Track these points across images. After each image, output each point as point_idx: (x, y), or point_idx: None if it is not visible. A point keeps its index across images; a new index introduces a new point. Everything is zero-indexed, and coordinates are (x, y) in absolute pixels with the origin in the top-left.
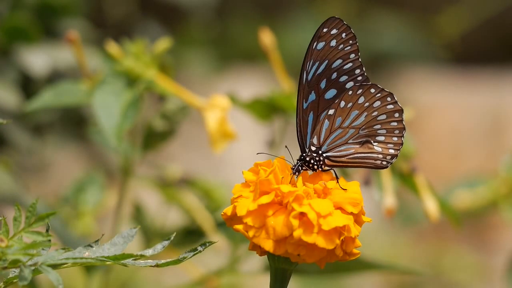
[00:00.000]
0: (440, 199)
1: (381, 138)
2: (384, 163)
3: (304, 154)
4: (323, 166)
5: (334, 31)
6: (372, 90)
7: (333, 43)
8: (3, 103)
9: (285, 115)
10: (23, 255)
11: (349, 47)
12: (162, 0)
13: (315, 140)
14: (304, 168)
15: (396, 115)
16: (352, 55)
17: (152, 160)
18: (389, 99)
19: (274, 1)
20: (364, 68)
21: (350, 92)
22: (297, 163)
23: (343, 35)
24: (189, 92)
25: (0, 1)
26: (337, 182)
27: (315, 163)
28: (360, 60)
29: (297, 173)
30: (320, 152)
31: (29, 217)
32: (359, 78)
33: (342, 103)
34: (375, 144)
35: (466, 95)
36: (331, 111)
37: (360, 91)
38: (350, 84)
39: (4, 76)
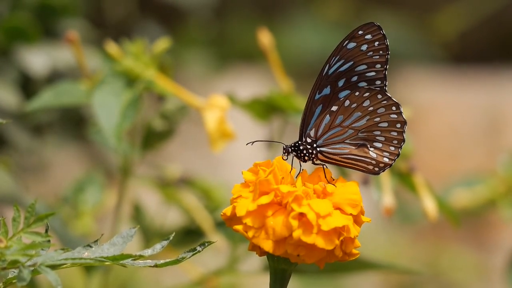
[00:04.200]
0: (438, 198)
1: (379, 145)
2: (376, 169)
3: (299, 142)
4: (314, 160)
5: (368, 36)
6: (379, 96)
7: (364, 47)
8: (3, 103)
9: (284, 115)
10: (22, 256)
11: (378, 56)
12: (161, 0)
13: (312, 133)
14: (294, 154)
15: (398, 125)
16: (378, 66)
17: (151, 160)
18: (394, 108)
19: (273, 1)
20: (386, 82)
21: (357, 93)
22: (291, 146)
23: (376, 43)
24: (188, 92)
25: (0, 1)
26: (329, 181)
27: (307, 154)
28: (384, 73)
29: (286, 154)
30: (314, 145)
31: (28, 217)
32: (377, 89)
33: (347, 102)
34: (371, 149)
35: (464, 95)
36: (334, 108)
37: (367, 94)
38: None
39: (4, 76)
